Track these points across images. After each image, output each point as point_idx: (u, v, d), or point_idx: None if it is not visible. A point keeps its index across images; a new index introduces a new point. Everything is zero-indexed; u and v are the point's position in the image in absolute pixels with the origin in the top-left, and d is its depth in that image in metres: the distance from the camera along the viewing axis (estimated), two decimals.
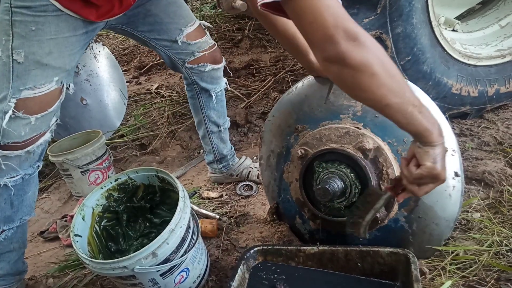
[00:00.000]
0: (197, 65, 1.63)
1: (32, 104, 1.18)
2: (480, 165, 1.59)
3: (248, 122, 2.57)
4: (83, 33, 1.26)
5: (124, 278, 1.16)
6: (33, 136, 1.22)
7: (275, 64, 3.16)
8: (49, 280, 1.57)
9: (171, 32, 1.54)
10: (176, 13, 1.52)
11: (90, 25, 1.27)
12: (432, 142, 0.92)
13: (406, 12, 1.56)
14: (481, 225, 1.31)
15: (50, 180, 2.43)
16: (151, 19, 1.49)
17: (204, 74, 1.66)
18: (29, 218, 1.39)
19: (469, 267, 1.16)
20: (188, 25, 1.55)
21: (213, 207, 1.83)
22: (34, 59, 1.14)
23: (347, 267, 1.18)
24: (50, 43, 1.15)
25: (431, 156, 0.92)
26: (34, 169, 1.31)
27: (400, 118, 0.90)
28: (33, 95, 1.16)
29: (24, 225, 1.40)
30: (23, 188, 1.31)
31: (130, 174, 1.39)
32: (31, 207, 1.38)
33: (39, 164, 1.33)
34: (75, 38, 1.23)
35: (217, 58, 1.68)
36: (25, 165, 1.26)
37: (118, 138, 2.72)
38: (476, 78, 1.83)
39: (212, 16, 4.20)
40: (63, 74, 1.22)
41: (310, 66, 1.28)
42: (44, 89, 1.18)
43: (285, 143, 1.37)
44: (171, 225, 1.13)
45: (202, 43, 1.61)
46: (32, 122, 1.19)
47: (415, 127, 0.91)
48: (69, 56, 1.23)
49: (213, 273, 1.42)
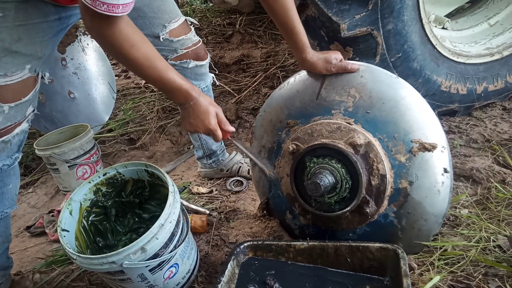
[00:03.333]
0: (180, 62, 1.60)
1: (5, 93, 1.15)
2: (468, 162, 1.61)
3: (238, 117, 2.56)
4: (56, 19, 1.22)
5: (112, 274, 1.14)
6: (8, 125, 1.19)
7: (266, 59, 3.15)
8: (35, 276, 1.55)
9: (154, 27, 1.50)
10: (160, 8, 1.49)
11: (64, 11, 1.23)
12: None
13: (397, 9, 1.56)
14: (469, 221, 1.32)
15: (37, 174, 2.40)
16: (133, 13, 1.44)
17: (187, 70, 1.63)
18: (11, 211, 1.37)
19: (457, 263, 1.17)
20: (172, 21, 1.52)
21: (203, 202, 1.82)
22: (2, 46, 1.10)
23: (337, 262, 1.18)
24: (19, 30, 1.11)
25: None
26: (13, 160, 1.28)
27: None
28: (4, 83, 1.13)
29: (6, 218, 1.38)
30: (2, 180, 1.28)
31: (119, 169, 1.37)
32: (12, 200, 1.36)
33: (17, 155, 1.30)
34: (46, 24, 1.19)
35: (201, 55, 1.65)
36: (3, 155, 1.24)
37: (107, 132, 2.69)
38: (465, 76, 1.85)
39: (202, 11, 4.16)
40: (35, 61, 1.19)
41: (304, 63, 1.30)
42: (15, 77, 1.15)
43: (276, 138, 1.37)
44: (161, 220, 1.12)
45: (186, 40, 1.58)
46: (5, 111, 1.16)
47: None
48: (40, 43, 1.19)
49: (202, 268, 1.41)
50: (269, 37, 3.49)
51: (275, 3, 1.24)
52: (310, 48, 1.28)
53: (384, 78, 1.21)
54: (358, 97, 1.21)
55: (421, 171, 1.14)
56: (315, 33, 1.76)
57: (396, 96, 1.18)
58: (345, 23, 1.56)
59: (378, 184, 1.15)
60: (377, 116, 1.18)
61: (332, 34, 1.66)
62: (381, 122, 1.18)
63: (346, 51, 1.68)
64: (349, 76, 1.24)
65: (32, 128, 2.73)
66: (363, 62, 1.26)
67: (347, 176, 1.16)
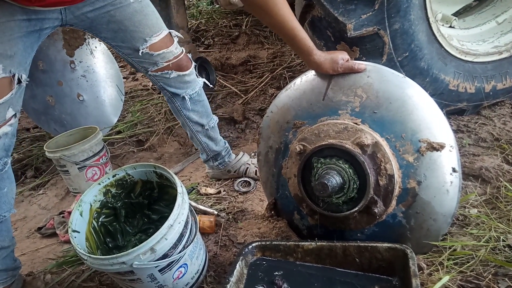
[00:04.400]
0: (161, 73, 1.60)
1: None
2: (477, 161, 1.60)
3: (245, 118, 2.57)
4: (24, 19, 1.22)
5: (122, 274, 1.15)
6: None
7: (272, 60, 3.16)
8: (47, 276, 1.57)
9: (135, 40, 1.50)
10: (141, 22, 1.48)
11: (33, 13, 1.24)
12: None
13: (403, 8, 1.56)
14: (478, 221, 1.31)
15: (47, 176, 2.43)
16: (114, 25, 1.46)
17: (170, 80, 1.63)
18: (9, 215, 1.38)
19: (466, 263, 1.16)
20: (153, 35, 1.51)
21: (211, 203, 1.83)
22: None
23: (345, 262, 1.18)
24: None
25: None
26: (1, 164, 1.27)
27: None
28: None
29: (6, 222, 1.39)
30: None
31: (128, 170, 1.38)
32: (9, 204, 1.37)
33: (6, 159, 1.29)
34: (13, 23, 1.19)
35: (183, 66, 1.63)
36: None
37: (115, 134, 2.72)
38: (473, 74, 1.84)
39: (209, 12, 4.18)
40: (6, 61, 1.19)
41: (310, 64, 1.30)
42: None
43: (283, 139, 1.37)
44: (170, 221, 1.13)
45: (167, 54, 1.57)
46: None
47: None
48: (8, 42, 1.19)
49: (211, 268, 1.42)
50: (275, 38, 3.49)
51: (272, 19, 1.25)
52: (316, 50, 1.28)
53: (391, 78, 1.21)
54: (365, 97, 1.21)
55: (429, 170, 1.14)
56: (321, 33, 1.76)
57: (404, 95, 1.18)
58: (351, 23, 1.56)
59: (386, 184, 1.15)
60: (384, 116, 1.18)
61: (338, 34, 1.66)
62: (389, 122, 1.17)
63: (353, 51, 1.68)
64: (356, 76, 1.24)
65: (42, 131, 2.77)
66: (369, 62, 1.26)
67: (355, 177, 1.16)
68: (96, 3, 1.39)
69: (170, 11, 2.46)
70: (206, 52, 3.53)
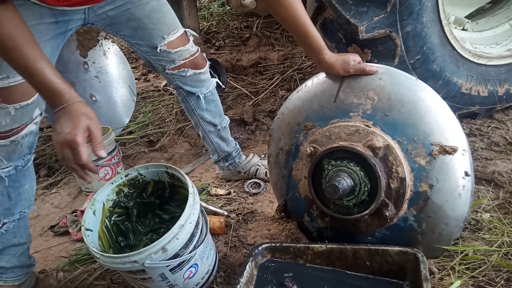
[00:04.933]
0: (178, 71, 1.63)
1: (9, 94, 1.19)
2: (490, 165, 1.59)
3: (256, 120, 2.57)
4: (52, 22, 1.25)
5: (134, 273, 1.17)
6: (15, 127, 1.24)
7: (283, 62, 3.16)
8: (59, 274, 1.59)
9: (153, 38, 1.53)
10: (159, 20, 1.52)
11: (60, 15, 1.26)
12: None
13: (416, 11, 1.55)
14: (491, 226, 1.30)
15: (60, 175, 2.46)
16: (134, 23, 1.49)
17: (186, 78, 1.66)
18: (29, 211, 1.42)
19: (478, 268, 1.15)
20: (170, 33, 1.55)
21: (221, 204, 1.84)
22: None
23: (356, 265, 1.18)
24: None
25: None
26: (25, 161, 1.32)
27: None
28: (8, 84, 1.17)
29: (25, 218, 1.43)
30: (18, 180, 1.33)
31: (140, 170, 1.40)
32: (30, 200, 1.41)
33: (29, 156, 1.34)
34: (42, 26, 1.22)
35: (199, 64, 1.67)
36: (14, 156, 1.28)
37: (127, 134, 2.74)
38: (486, 77, 1.82)
39: (220, 14, 4.20)
40: None
41: (321, 64, 1.30)
42: (18, 78, 1.18)
43: (294, 141, 1.37)
44: (181, 221, 1.14)
45: (184, 51, 1.60)
46: (11, 113, 1.20)
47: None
48: (38, 44, 1.20)
49: (221, 269, 1.43)
50: (286, 40, 3.49)
51: (285, 11, 1.25)
52: (327, 49, 1.28)
53: (403, 80, 1.21)
54: (377, 99, 1.21)
55: (441, 174, 1.13)
56: (332, 35, 1.76)
57: (416, 98, 1.17)
58: (363, 25, 1.56)
59: (397, 187, 1.15)
60: (396, 119, 1.18)
61: (350, 37, 1.66)
62: (400, 125, 1.17)
63: (364, 53, 1.67)
64: (368, 79, 1.24)
65: None
66: (381, 64, 1.26)
67: (366, 179, 1.16)
68: (117, 1, 1.42)
69: (182, 13, 2.48)
70: (217, 53, 3.55)
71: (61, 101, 1.01)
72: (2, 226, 1.35)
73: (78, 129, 0.99)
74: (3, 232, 1.36)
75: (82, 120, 1.00)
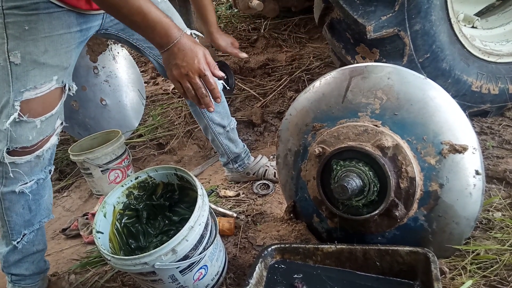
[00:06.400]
0: None
1: (36, 106, 1.18)
2: (501, 163, 1.57)
3: (264, 121, 2.57)
4: (77, 31, 1.25)
5: (144, 274, 1.18)
6: (40, 140, 1.24)
7: (290, 63, 3.16)
8: (71, 277, 1.61)
9: None
10: None
11: (84, 22, 1.26)
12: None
13: (424, 9, 1.54)
14: (503, 225, 1.28)
15: (71, 179, 2.49)
16: None
17: None
18: (47, 221, 1.43)
19: (490, 267, 1.14)
20: None
21: (230, 205, 1.84)
22: (30, 59, 1.14)
23: (366, 266, 1.17)
24: (45, 41, 1.15)
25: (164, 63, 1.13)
26: (46, 173, 1.33)
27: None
28: (35, 95, 1.17)
29: (42, 227, 1.45)
30: (38, 192, 1.34)
31: (150, 173, 1.41)
32: (48, 210, 1.42)
33: (50, 168, 1.35)
34: (69, 35, 1.22)
35: None
36: (37, 170, 1.29)
37: (137, 137, 2.77)
38: (497, 75, 1.80)
39: (227, 16, 4.22)
40: (61, 72, 1.22)
41: (210, 36, 1.71)
42: (44, 89, 1.18)
43: (302, 142, 1.37)
44: (190, 222, 1.15)
45: None
46: (38, 126, 1.20)
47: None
48: (65, 54, 1.22)
49: (231, 270, 1.43)
50: (293, 41, 3.50)
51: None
52: (217, 26, 1.67)
53: (412, 79, 1.20)
54: (385, 99, 1.20)
55: (451, 173, 1.12)
56: (340, 35, 1.76)
57: (425, 97, 1.16)
58: (371, 24, 1.55)
59: (407, 187, 1.14)
60: (405, 118, 1.17)
61: (358, 36, 1.66)
62: (410, 124, 1.16)
63: (373, 52, 1.67)
64: (376, 78, 1.24)
65: (66, 134, 2.84)
66: (390, 64, 1.25)
67: (375, 179, 1.16)
68: None
69: (190, 17, 2.50)
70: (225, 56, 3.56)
71: (173, 36, 1.08)
72: (23, 237, 1.36)
73: (201, 58, 1.09)
74: (24, 243, 1.37)
75: (200, 50, 1.10)
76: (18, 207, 1.31)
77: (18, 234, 1.35)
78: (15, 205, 1.30)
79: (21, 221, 1.34)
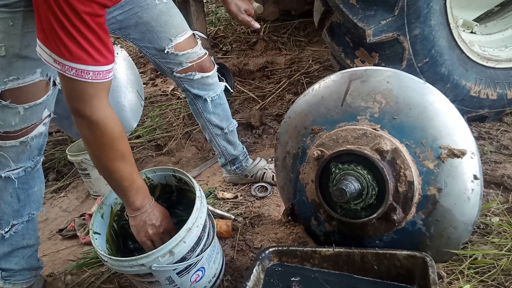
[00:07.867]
0: (185, 74, 1.64)
1: (18, 94, 1.22)
2: (499, 168, 1.57)
3: (262, 124, 2.58)
4: None
5: (141, 276, 1.17)
6: (25, 127, 1.26)
7: (290, 66, 3.17)
8: (67, 277, 1.60)
9: (161, 40, 1.55)
10: (167, 23, 1.54)
11: None
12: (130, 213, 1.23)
13: (424, 14, 1.55)
14: (500, 229, 1.29)
15: (69, 179, 2.48)
16: (142, 27, 1.52)
17: (193, 81, 1.67)
18: (37, 213, 1.45)
19: (487, 272, 1.14)
20: (178, 35, 1.56)
21: (228, 207, 1.84)
22: (13, 52, 1.17)
23: (363, 269, 1.17)
24: (27, 36, 1.18)
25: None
26: (34, 162, 1.35)
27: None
28: (18, 85, 1.20)
29: (33, 220, 1.45)
30: (27, 182, 1.36)
31: (148, 174, 1.41)
32: (39, 202, 1.43)
33: (39, 158, 1.37)
34: None
35: (206, 67, 1.68)
36: (23, 157, 1.31)
37: (135, 138, 2.76)
38: (495, 80, 1.81)
39: (227, 19, 4.22)
40: (45, 66, 1.22)
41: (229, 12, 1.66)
42: (27, 80, 1.21)
43: (301, 144, 1.37)
44: (188, 224, 1.14)
45: (191, 54, 1.61)
46: (20, 112, 1.23)
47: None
48: None
49: (228, 273, 1.43)
50: (293, 44, 3.50)
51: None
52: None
53: (411, 84, 1.20)
54: (385, 103, 1.21)
55: (450, 177, 1.12)
56: (340, 39, 1.76)
57: (424, 101, 1.17)
58: (370, 29, 1.56)
59: (405, 191, 1.14)
60: (404, 122, 1.17)
61: (357, 40, 1.66)
62: (408, 128, 1.17)
63: (372, 56, 1.67)
64: (375, 82, 1.24)
65: (64, 135, 2.83)
66: (389, 68, 1.26)
67: (374, 183, 1.16)
68: (125, 5, 1.45)
69: (190, 18, 2.50)
70: (224, 58, 3.57)
71: (149, 199, 1.25)
72: (11, 227, 1.37)
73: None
74: (12, 234, 1.38)
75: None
76: (6, 195, 1.33)
77: (7, 224, 1.36)
78: (3, 192, 1.32)
79: (9, 210, 1.35)
